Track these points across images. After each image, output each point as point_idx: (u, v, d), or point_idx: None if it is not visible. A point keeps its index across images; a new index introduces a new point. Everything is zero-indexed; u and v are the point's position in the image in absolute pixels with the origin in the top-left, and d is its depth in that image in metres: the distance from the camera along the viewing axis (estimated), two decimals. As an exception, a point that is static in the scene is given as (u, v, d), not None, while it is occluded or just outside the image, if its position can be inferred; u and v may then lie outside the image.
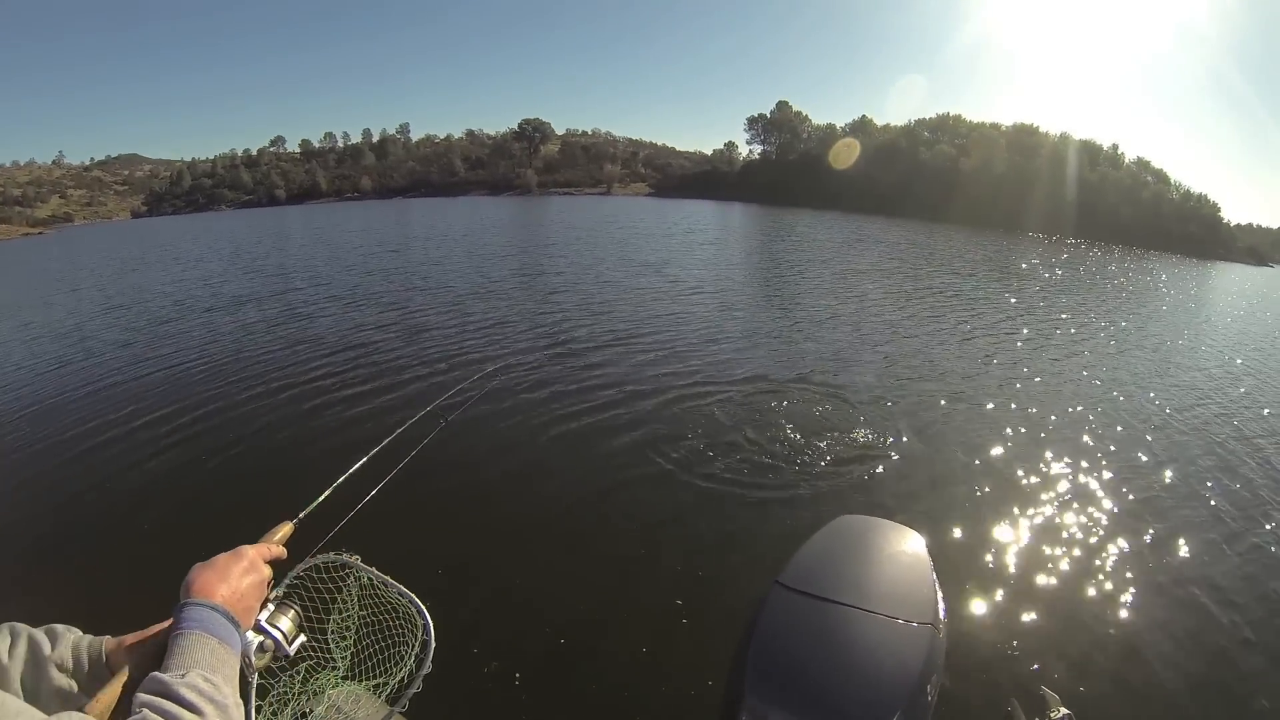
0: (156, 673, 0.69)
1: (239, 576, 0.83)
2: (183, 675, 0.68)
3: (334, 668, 1.21)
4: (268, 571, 0.91)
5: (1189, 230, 43.95)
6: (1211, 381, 8.64)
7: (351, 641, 1.21)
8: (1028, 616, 3.45)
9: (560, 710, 2.77)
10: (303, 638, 0.96)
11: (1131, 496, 4.89)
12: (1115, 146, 56.02)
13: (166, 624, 0.80)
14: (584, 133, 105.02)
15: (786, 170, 64.38)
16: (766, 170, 68.11)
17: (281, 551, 0.96)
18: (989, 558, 3.96)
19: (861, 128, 69.96)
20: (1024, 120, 59.26)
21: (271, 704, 1.18)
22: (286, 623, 0.93)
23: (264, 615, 0.90)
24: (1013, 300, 13.61)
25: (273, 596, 0.93)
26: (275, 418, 6.39)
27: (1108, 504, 4.75)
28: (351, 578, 1.16)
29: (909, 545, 2.33)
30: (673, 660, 3.03)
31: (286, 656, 0.94)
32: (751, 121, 73.70)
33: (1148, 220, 43.87)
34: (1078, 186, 47.15)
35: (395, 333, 9.52)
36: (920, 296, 13.11)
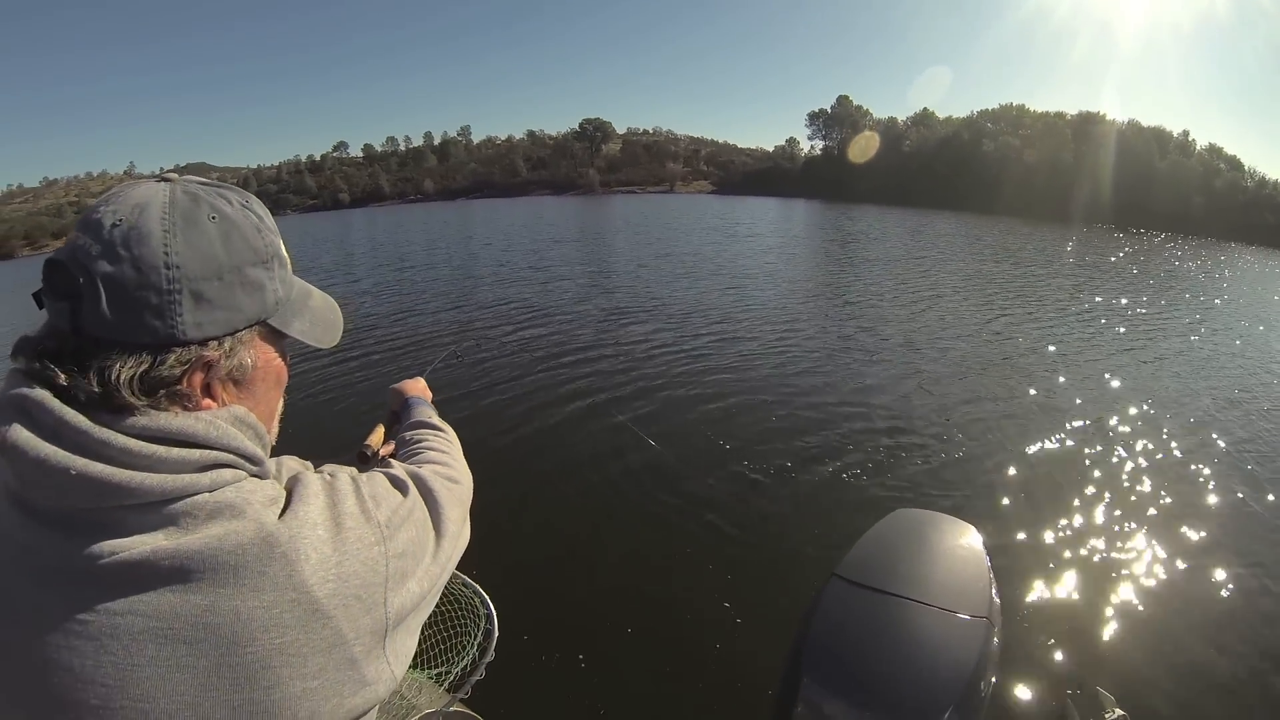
0: (415, 416, 1.01)
1: (423, 389, 1.21)
2: (429, 415, 1.03)
3: None
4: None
5: (1265, 219, 43.69)
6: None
7: None
8: (1085, 616, 3.43)
9: (616, 699, 2.90)
10: None
11: (1204, 506, 4.70)
12: (1186, 133, 54.77)
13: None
14: (645, 131, 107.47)
15: (848, 166, 65.72)
16: (828, 166, 69.31)
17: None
18: (1047, 555, 3.94)
19: (923, 120, 70.55)
20: (1088, 109, 58.25)
21: None
22: None
23: None
24: (1082, 295, 13.10)
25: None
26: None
27: (1173, 510, 4.55)
28: None
29: (965, 539, 2.34)
30: (730, 650, 3.11)
31: None
32: (812, 117, 75.03)
33: (1222, 210, 43.82)
34: (1148, 176, 47.02)
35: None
36: (982, 293, 12.94)
